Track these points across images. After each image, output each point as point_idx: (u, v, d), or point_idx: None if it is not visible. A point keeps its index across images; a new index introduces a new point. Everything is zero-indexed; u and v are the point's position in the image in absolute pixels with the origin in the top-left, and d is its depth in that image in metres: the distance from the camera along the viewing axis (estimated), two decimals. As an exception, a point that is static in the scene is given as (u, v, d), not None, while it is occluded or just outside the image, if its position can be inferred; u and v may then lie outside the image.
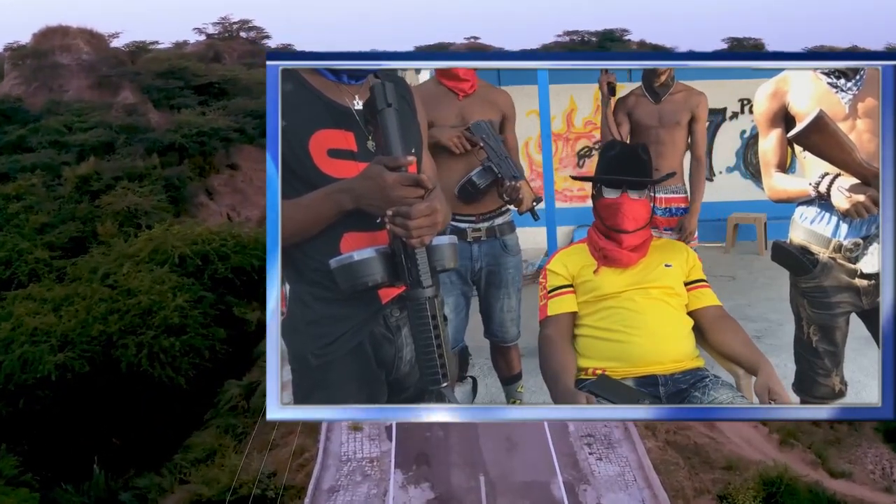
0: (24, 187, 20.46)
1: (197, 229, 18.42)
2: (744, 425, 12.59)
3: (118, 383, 14.58)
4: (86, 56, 27.82)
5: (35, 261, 17.69)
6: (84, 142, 23.20)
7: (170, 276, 16.21)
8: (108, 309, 15.20)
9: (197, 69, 30.49)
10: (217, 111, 26.93)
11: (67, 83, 27.26)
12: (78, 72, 27.43)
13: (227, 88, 29.66)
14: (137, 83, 27.88)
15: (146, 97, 27.27)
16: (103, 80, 27.31)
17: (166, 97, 27.84)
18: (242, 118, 26.60)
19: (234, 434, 13.15)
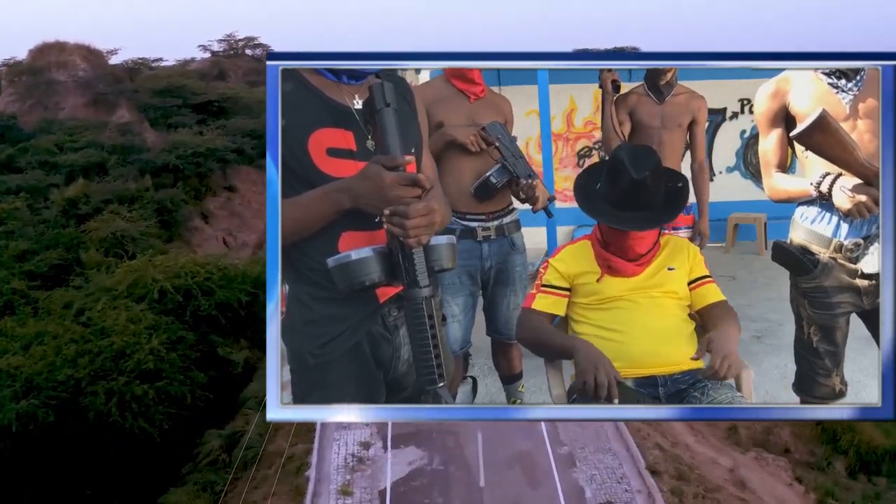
0: (7, 211, 19.37)
1: (181, 260, 17.21)
2: (777, 483, 12.09)
3: (86, 434, 13.40)
4: (82, 73, 27.20)
5: (11, 291, 16.54)
6: (74, 162, 22.29)
7: (146, 315, 15.17)
8: (78, 350, 14.13)
9: (197, 87, 29.85)
10: (215, 131, 26.21)
11: (63, 101, 26.62)
12: (74, 89, 26.81)
13: (226, 107, 29.15)
14: (135, 101, 27.17)
15: (143, 116, 26.61)
16: (99, 97, 26.67)
17: (163, 116, 27.20)
18: (241, 138, 25.96)
19: (212, 491, 12.02)
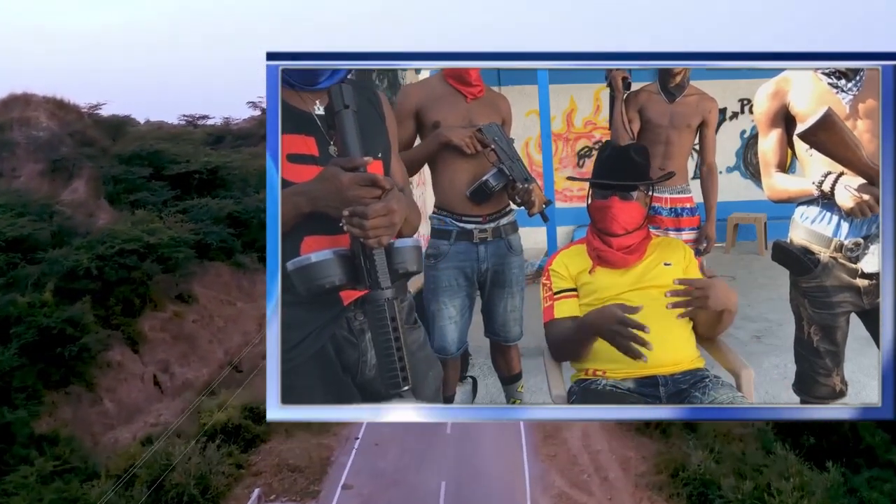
0: None
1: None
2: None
3: None
4: (42, 133, 21.06)
5: None
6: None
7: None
8: None
9: (179, 153, 22.64)
10: (175, 216, 19.08)
11: (22, 166, 20.39)
12: (32, 152, 20.65)
13: (210, 180, 22.03)
14: (95, 169, 20.56)
15: (104, 189, 20.30)
16: (58, 164, 20.38)
17: (126, 190, 20.41)
18: (214, 225, 19.07)
19: None
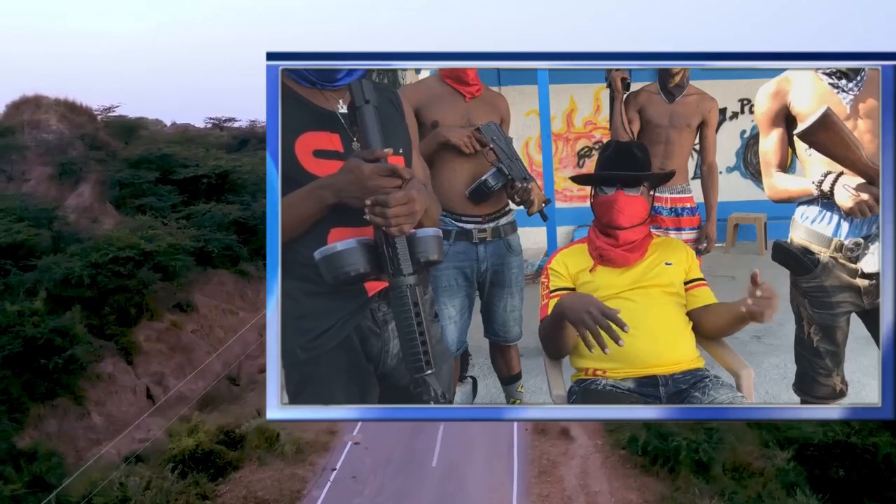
0: None
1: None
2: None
3: None
4: (51, 135, 20.65)
5: None
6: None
7: None
8: None
9: (189, 157, 22.03)
10: (176, 222, 18.60)
11: (31, 170, 20.06)
12: (41, 156, 20.33)
13: (219, 184, 21.42)
14: (103, 173, 20.25)
15: (110, 193, 20.05)
16: (66, 167, 19.91)
17: (133, 195, 19.92)
18: (217, 232, 18.47)
19: None
